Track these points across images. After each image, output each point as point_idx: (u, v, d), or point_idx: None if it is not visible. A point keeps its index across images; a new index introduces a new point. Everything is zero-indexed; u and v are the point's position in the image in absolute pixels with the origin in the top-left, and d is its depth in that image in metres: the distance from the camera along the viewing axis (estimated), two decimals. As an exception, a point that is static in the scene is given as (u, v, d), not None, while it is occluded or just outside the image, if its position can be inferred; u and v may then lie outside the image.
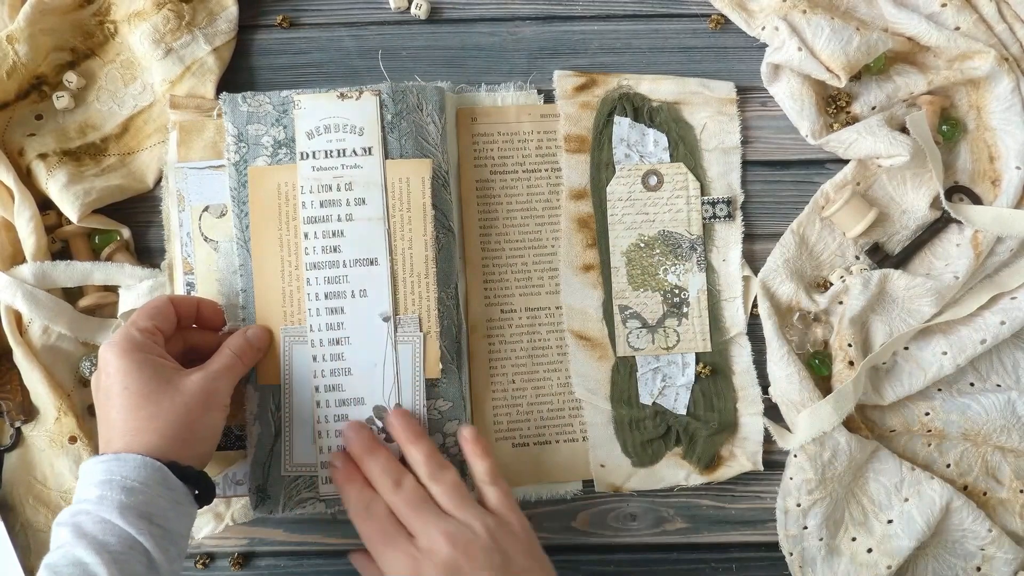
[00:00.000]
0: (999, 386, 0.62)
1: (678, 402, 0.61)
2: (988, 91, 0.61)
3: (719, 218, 0.62)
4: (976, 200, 0.62)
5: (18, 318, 0.59)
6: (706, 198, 0.62)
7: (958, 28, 0.61)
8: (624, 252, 0.62)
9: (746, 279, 0.62)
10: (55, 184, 0.58)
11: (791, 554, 0.60)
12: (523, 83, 0.63)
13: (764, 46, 0.62)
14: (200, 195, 0.59)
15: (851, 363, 0.59)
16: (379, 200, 0.57)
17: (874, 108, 0.61)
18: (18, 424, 0.59)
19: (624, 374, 0.61)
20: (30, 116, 0.61)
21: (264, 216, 0.57)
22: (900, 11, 0.61)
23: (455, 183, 0.61)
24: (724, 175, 0.63)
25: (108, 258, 0.60)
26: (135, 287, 0.59)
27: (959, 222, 0.60)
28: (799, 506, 0.59)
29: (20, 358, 0.58)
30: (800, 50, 0.58)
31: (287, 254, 0.57)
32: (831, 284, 0.62)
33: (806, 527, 0.59)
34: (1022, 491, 0.61)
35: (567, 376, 0.62)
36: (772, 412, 0.61)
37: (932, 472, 0.60)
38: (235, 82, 0.62)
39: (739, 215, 0.62)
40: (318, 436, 0.57)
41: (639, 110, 0.62)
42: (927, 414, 0.61)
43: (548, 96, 0.63)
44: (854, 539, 0.60)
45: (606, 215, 0.62)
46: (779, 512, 0.60)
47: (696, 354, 0.61)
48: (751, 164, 0.63)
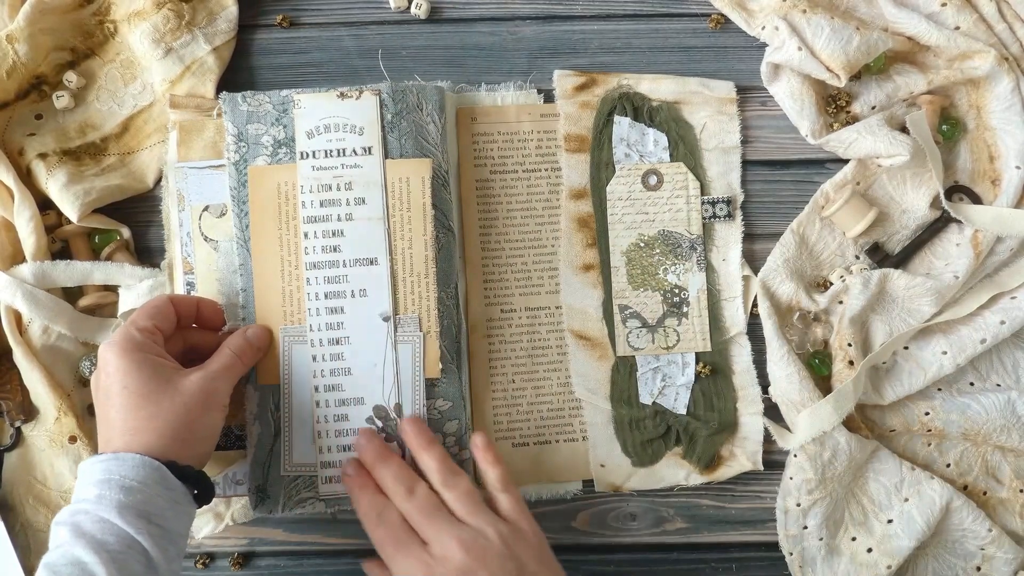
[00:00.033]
0: (999, 386, 0.62)
1: (678, 402, 0.61)
2: (988, 91, 0.61)
3: (719, 218, 0.62)
4: (976, 200, 0.61)
5: (18, 318, 0.59)
6: (706, 198, 0.62)
7: (958, 28, 0.61)
8: (624, 252, 0.61)
9: (746, 279, 0.62)
10: (55, 184, 0.58)
11: (791, 554, 0.60)
12: (523, 83, 0.63)
13: (764, 46, 0.62)
14: (200, 195, 0.59)
15: (851, 363, 0.59)
16: (379, 200, 0.57)
17: (874, 108, 0.61)
18: (18, 424, 0.59)
19: (624, 374, 0.61)
20: (30, 116, 0.61)
21: (264, 216, 0.57)
22: (900, 11, 0.61)
23: (455, 183, 0.61)
24: (724, 175, 0.63)
25: (108, 258, 0.60)
26: (135, 287, 0.59)
27: (959, 222, 0.60)
28: (799, 506, 0.59)
29: (20, 358, 0.58)
30: (800, 50, 0.58)
31: (287, 254, 0.57)
32: (831, 284, 0.62)
33: (806, 527, 0.59)
34: (1022, 491, 0.61)
35: (567, 376, 0.62)
36: (772, 412, 0.61)
37: (932, 472, 0.60)
38: (235, 82, 0.62)
39: (739, 215, 0.62)
40: (318, 436, 0.57)
41: (639, 110, 0.62)
42: (927, 414, 0.61)
43: (548, 96, 0.63)
44: (854, 539, 0.60)
45: (606, 215, 0.62)
46: (779, 512, 0.60)
47: (696, 354, 0.61)
48: (751, 164, 0.63)
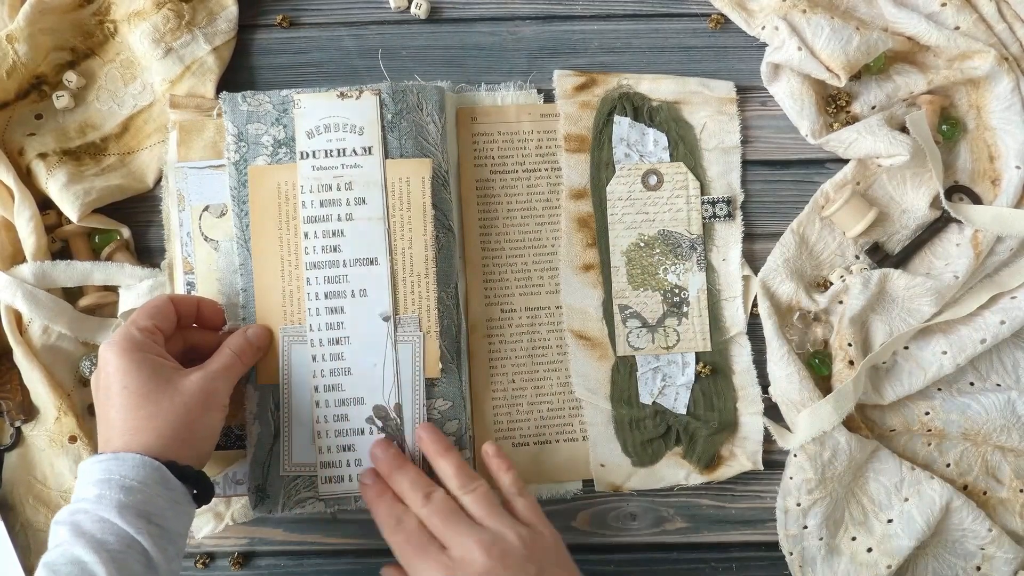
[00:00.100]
0: (999, 385, 0.62)
1: (678, 401, 0.61)
2: (988, 91, 0.61)
3: (719, 218, 0.62)
4: (976, 200, 0.61)
5: (18, 318, 0.59)
6: (706, 197, 0.62)
7: (958, 28, 0.61)
8: (624, 252, 0.61)
9: (746, 279, 0.62)
10: (55, 184, 0.58)
11: (791, 554, 0.60)
12: (523, 83, 0.63)
13: (764, 46, 0.62)
14: (200, 195, 0.59)
15: (851, 363, 0.59)
16: (379, 200, 0.57)
17: (874, 107, 0.61)
18: (18, 424, 0.59)
19: (624, 373, 0.61)
20: (30, 116, 0.61)
21: (264, 216, 0.57)
22: (900, 11, 0.61)
23: (455, 183, 0.61)
24: (724, 174, 0.63)
25: (108, 258, 0.60)
26: (135, 287, 0.59)
27: (959, 222, 0.60)
28: (799, 505, 0.59)
29: (20, 358, 0.58)
30: (800, 50, 0.58)
31: (287, 254, 0.57)
32: (831, 284, 0.62)
33: (806, 527, 0.59)
34: (1022, 491, 0.61)
35: (567, 375, 0.62)
36: (772, 412, 0.61)
37: (932, 472, 0.60)
38: (235, 81, 0.62)
39: (739, 215, 0.62)
40: (317, 436, 0.57)
41: (639, 109, 0.62)
42: (927, 413, 0.61)
43: (548, 96, 0.63)
44: (854, 539, 0.60)
45: (606, 214, 0.62)
46: (779, 512, 0.60)
47: (696, 353, 0.61)
48: (751, 164, 0.63)
